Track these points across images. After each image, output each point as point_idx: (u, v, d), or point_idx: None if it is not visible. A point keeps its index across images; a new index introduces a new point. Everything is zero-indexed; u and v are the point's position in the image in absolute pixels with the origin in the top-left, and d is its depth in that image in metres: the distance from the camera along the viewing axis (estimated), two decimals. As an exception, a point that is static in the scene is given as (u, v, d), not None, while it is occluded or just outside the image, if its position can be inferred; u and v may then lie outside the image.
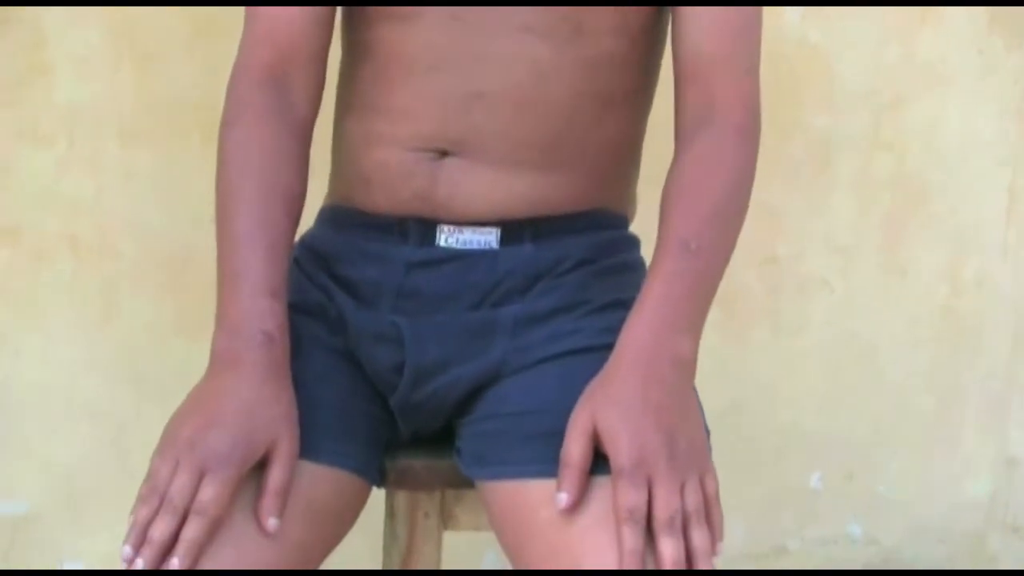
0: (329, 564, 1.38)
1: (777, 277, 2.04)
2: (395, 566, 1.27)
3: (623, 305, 1.10)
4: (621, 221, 1.26)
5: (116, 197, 1.79)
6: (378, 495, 1.26)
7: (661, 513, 0.97)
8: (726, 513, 1.03)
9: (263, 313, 1.07)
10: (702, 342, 1.09)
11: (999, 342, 2.19)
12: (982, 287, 2.15)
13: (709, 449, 1.05)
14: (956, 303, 2.15)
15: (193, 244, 1.74)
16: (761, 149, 1.73)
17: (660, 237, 1.11)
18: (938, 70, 2.04)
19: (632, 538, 0.96)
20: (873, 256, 2.09)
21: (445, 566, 1.32)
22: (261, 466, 1.04)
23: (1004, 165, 2.12)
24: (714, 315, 1.08)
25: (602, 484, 1.00)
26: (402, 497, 1.26)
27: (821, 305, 2.08)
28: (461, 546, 1.81)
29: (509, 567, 1.93)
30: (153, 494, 1.01)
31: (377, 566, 1.29)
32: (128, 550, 1.00)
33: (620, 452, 0.98)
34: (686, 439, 1.01)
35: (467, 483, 1.16)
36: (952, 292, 2.14)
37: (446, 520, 1.27)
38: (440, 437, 1.21)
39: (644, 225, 1.24)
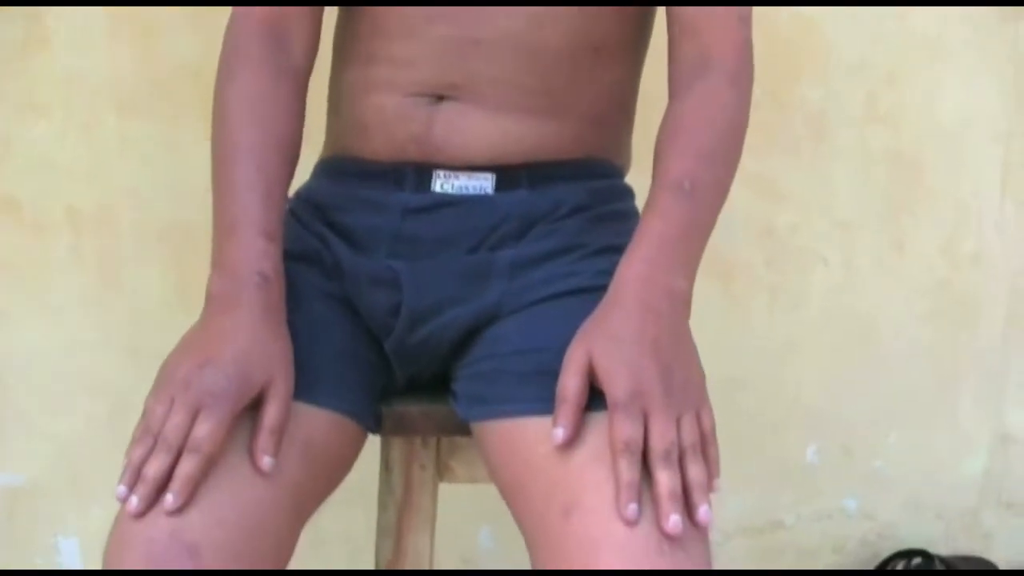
0: (324, 516, 1.39)
1: (775, 250, 2.04)
2: (391, 519, 1.27)
3: (618, 250, 1.10)
4: (616, 171, 1.27)
5: (114, 168, 1.79)
6: (374, 448, 1.27)
7: (657, 445, 0.97)
8: (722, 487, 1.02)
9: (259, 255, 1.08)
10: (699, 315, 1.10)
11: (995, 318, 2.19)
12: (978, 262, 2.16)
13: (705, 386, 1.05)
14: (953, 278, 2.16)
15: (192, 216, 1.74)
16: (758, 122, 1.74)
17: (655, 178, 1.11)
18: (934, 45, 2.05)
19: (628, 470, 0.96)
20: (871, 230, 2.09)
21: (438, 545, 1.33)
22: (256, 408, 1.04)
23: (998, 140, 2.12)
24: (712, 288, 1.08)
25: (598, 420, 1.00)
26: (397, 449, 1.26)
27: (819, 279, 2.09)
28: (456, 522, 1.81)
29: (503, 545, 1.93)
30: (147, 434, 1.01)
31: (373, 519, 1.29)
32: (122, 489, 1.00)
33: (616, 385, 0.98)
34: (682, 374, 1.01)
35: (462, 429, 1.17)
36: (949, 267, 2.15)
37: (442, 472, 1.28)
38: (435, 385, 1.22)
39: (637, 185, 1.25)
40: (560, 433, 1.00)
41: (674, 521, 0.94)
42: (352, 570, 1.33)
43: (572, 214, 1.19)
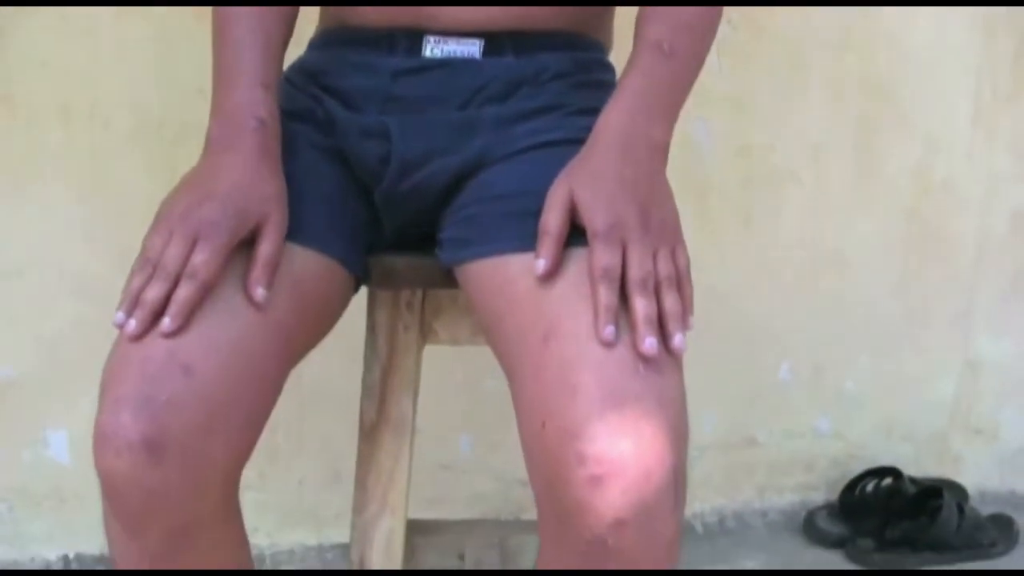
0: (310, 367, 1.43)
1: (750, 169, 2.09)
2: (375, 381, 1.31)
3: (599, 112, 1.14)
4: (599, 46, 1.32)
5: (110, 68, 1.81)
6: (360, 310, 1.31)
7: (634, 273, 1.02)
8: (697, 403, 1.06)
9: (256, 102, 1.13)
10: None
11: (964, 246, 2.25)
12: (948, 190, 2.21)
13: (681, 229, 1.10)
14: (923, 206, 2.21)
15: (186, 117, 1.76)
16: (736, 45, 1.79)
17: (636, 41, 1.16)
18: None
19: (606, 295, 1.00)
20: (843, 154, 2.14)
21: (418, 450, 1.37)
22: (250, 246, 1.08)
23: (969, 72, 2.17)
24: (686, 207, 1.12)
25: (579, 254, 1.05)
26: (382, 311, 1.31)
27: (792, 200, 2.13)
28: (436, 430, 1.86)
29: (481, 453, 1.97)
30: (146, 265, 1.06)
31: (357, 382, 1.32)
32: (121, 315, 1.04)
33: (595, 218, 1.03)
34: (659, 212, 1.06)
35: (448, 282, 1.21)
36: (919, 194, 2.20)
37: (425, 334, 1.32)
38: (422, 243, 1.26)
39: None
40: (542, 264, 1.04)
41: (649, 343, 0.99)
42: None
43: (555, 79, 1.24)
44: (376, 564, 1.35)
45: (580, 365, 0.98)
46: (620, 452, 0.95)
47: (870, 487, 2.19)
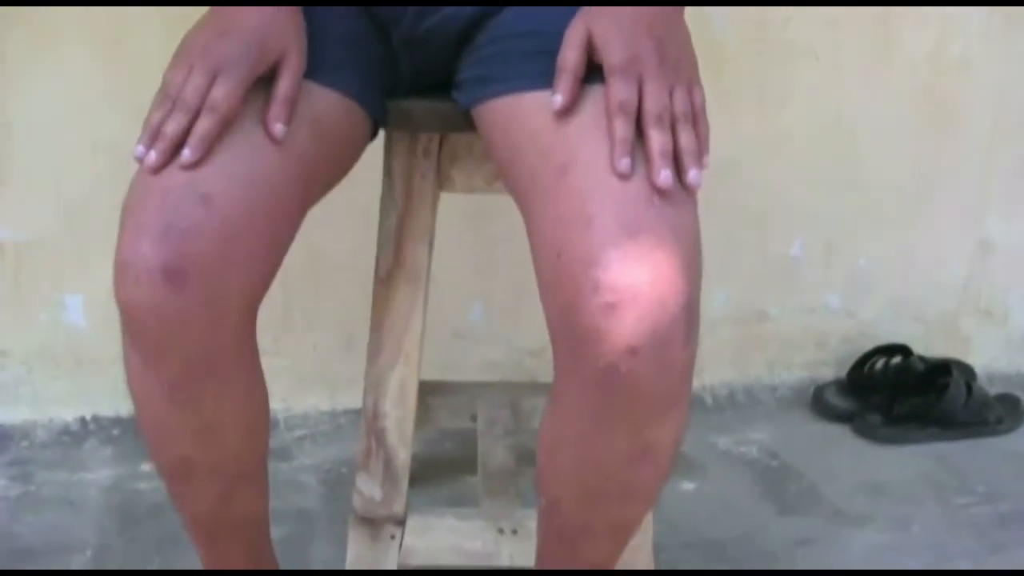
0: (324, 235, 1.43)
1: (764, 43, 2.08)
2: (391, 228, 1.32)
3: None
4: None
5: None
6: (375, 180, 1.31)
7: (651, 108, 1.02)
8: (709, 277, 1.06)
9: None
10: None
11: (979, 126, 2.24)
12: (964, 69, 2.19)
13: (698, 69, 1.10)
14: (939, 85, 2.20)
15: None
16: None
17: None
18: None
19: (623, 128, 1.01)
20: (861, 30, 2.12)
21: (431, 317, 1.37)
22: (270, 84, 1.08)
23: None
24: (701, 80, 1.11)
25: (596, 90, 1.05)
26: (399, 159, 1.31)
27: (807, 76, 2.13)
28: (449, 298, 1.87)
29: (493, 321, 1.98)
30: (166, 100, 1.06)
31: (371, 250, 1.33)
32: (140, 148, 1.05)
33: (612, 53, 1.04)
34: (676, 50, 1.06)
35: (465, 126, 1.21)
36: (935, 72, 2.19)
37: (442, 181, 1.33)
38: (440, 89, 1.26)
39: None
40: (559, 100, 1.05)
41: (664, 176, 1.00)
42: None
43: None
44: (389, 415, 1.36)
45: (596, 196, 0.99)
46: (635, 280, 0.96)
47: (879, 364, 2.21)
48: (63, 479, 1.85)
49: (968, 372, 2.25)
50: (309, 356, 2.02)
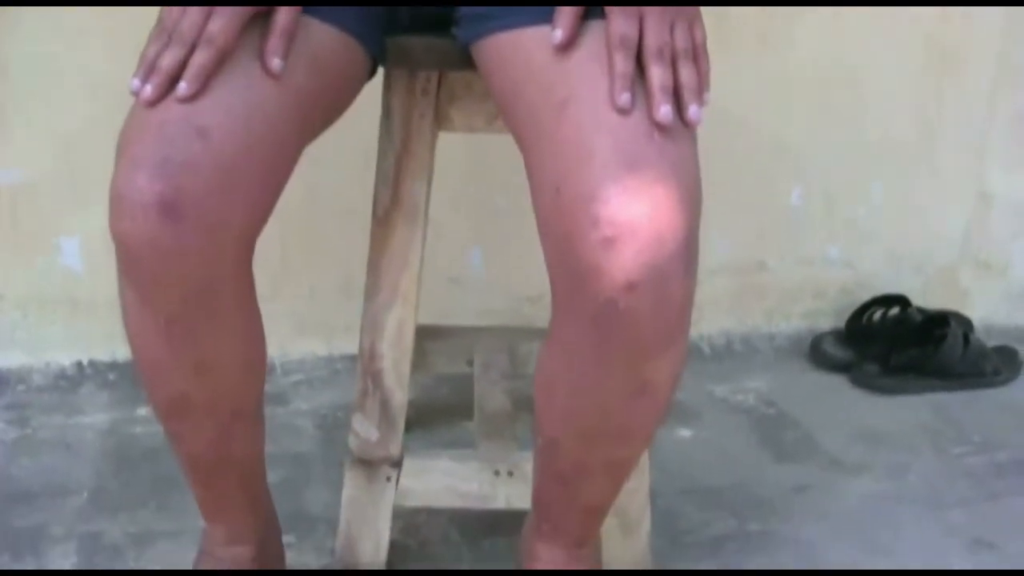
0: (322, 177, 1.43)
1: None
2: (390, 167, 1.31)
3: None
4: None
5: None
6: (372, 121, 1.30)
7: (651, 43, 1.01)
8: (708, 226, 1.05)
9: None
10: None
11: (981, 75, 2.23)
12: (968, 16, 2.18)
13: (699, 9, 1.09)
14: (942, 31, 2.18)
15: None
16: None
17: None
18: None
19: (623, 63, 1.00)
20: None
21: (429, 262, 1.38)
22: (268, 19, 1.07)
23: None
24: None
25: (596, 26, 1.04)
26: (398, 98, 1.30)
27: (809, 21, 2.11)
28: (448, 244, 1.86)
29: (492, 266, 1.97)
30: (162, 33, 1.05)
31: (369, 194, 1.32)
32: (136, 82, 1.04)
33: (613, -12, 1.02)
34: (677, -12, 1.05)
35: (464, 64, 1.20)
36: (938, 19, 2.17)
37: (441, 121, 1.31)
38: (439, 27, 1.25)
39: None
40: (559, 34, 1.04)
41: (664, 111, 0.99)
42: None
43: None
44: (386, 355, 1.36)
45: (596, 131, 0.98)
46: (634, 215, 0.95)
47: (877, 315, 2.21)
48: (59, 423, 1.85)
49: (966, 324, 2.25)
50: (306, 301, 2.01)
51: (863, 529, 1.63)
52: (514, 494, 1.40)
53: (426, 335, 1.74)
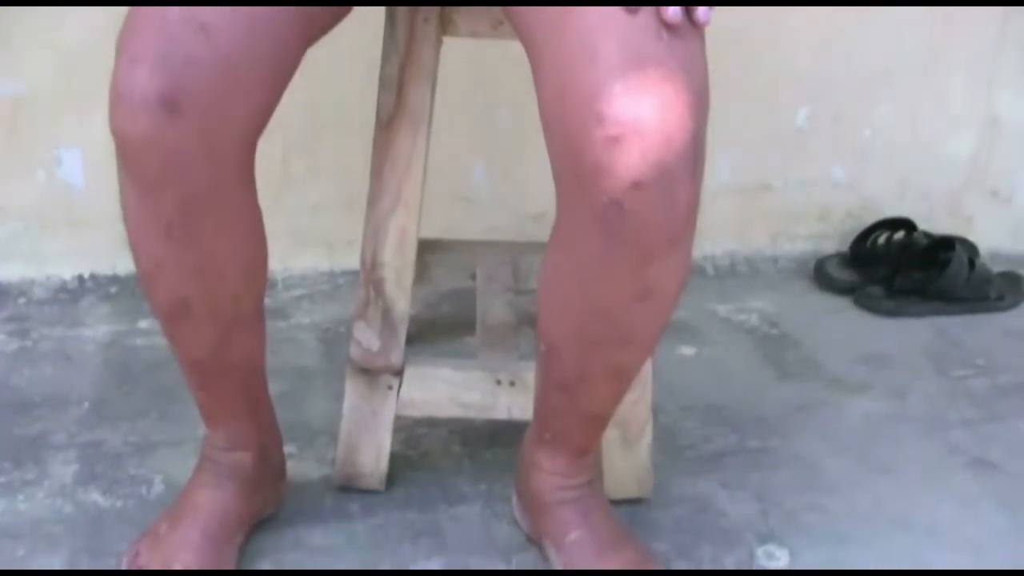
0: (325, 91, 1.41)
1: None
2: (393, 71, 1.29)
3: None
4: None
5: None
6: (375, 36, 1.29)
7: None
8: (713, 146, 1.04)
9: None
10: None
11: (993, -3, 2.20)
12: (980, -63, 2.15)
13: None
14: (954, -47, 2.16)
15: None
16: None
17: None
18: None
19: (632, -41, 0.98)
20: None
21: (432, 179, 1.37)
22: None
23: None
24: None
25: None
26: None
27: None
28: (450, 161, 1.85)
29: (495, 182, 1.96)
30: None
31: (371, 108, 1.31)
32: None
33: None
34: None
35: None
36: (953, -61, 2.14)
37: (445, 25, 1.30)
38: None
39: None
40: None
41: (673, 11, 0.97)
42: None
43: None
44: (388, 264, 1.35)
45: (602, 30, 0.97)
46: (640, 113, 0.94)
47: (882, 238, 2.20)
48: (60, 335, 1.85)
49: (971, 248, 2.23)
50: (308, 216, 2.00)
51: (863, 447, 1.63)
52: (515, 404, 1.40)
53: (428, 248, 1.74)
